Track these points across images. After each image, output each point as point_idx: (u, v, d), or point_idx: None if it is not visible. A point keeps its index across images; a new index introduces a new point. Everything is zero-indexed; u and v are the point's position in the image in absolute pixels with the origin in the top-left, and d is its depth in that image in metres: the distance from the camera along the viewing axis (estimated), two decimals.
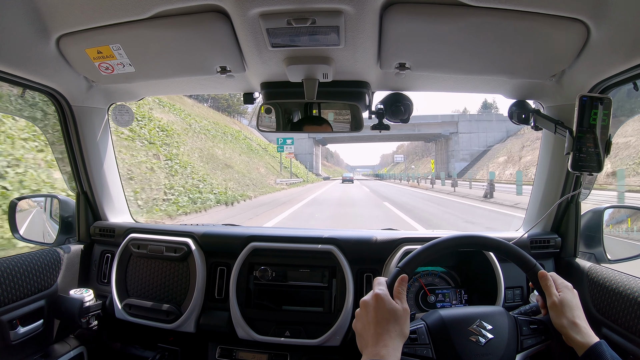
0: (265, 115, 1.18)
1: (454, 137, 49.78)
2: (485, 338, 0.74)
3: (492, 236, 0.82)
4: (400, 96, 1.19)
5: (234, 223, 1.66)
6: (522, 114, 1.20)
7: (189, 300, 1.22)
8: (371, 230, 1.33)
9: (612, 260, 1.17)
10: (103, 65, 1.04)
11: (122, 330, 1.34)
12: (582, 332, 0.71)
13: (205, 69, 1.07)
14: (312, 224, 8.35)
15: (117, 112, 1.48)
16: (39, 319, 1.16)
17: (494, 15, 0.81)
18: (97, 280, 1.39)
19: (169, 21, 0.88)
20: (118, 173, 1.52)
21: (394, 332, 0.68)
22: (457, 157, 49.13)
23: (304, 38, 0.89)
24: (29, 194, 4.08)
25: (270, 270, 1.20)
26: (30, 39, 0.92)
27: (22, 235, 1.40)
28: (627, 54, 0.84)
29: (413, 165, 78.60)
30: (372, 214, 10.29)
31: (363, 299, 0.72)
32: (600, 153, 0.93)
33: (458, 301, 1.21)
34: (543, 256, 1.23)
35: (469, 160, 48.80)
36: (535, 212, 1.32)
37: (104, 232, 1.42)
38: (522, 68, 1.01)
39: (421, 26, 0.86)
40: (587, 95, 0.93)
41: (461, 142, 49.22)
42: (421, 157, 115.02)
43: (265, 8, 0.80)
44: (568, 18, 0.80)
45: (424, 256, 0.78)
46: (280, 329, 1.16)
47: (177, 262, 1.27)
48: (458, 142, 49.26)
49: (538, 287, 0.79)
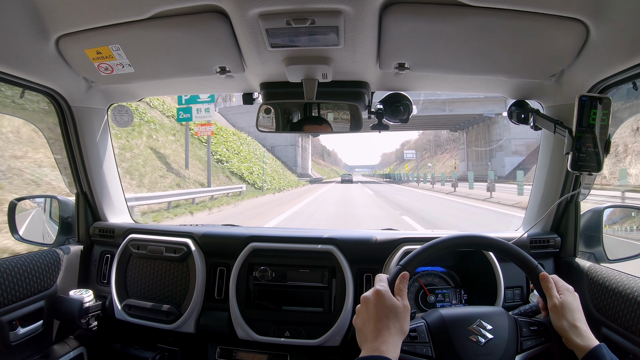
0: (264, 116, 1.18)
1: (501, 121, 33.59)
2: (485, 338, 0.74)
3: (493, 236, 0.82)
4: (399, 96, 1.19)
5: (234, 223, 1.66)
6: (521, 113, 1.20)
7: (189, 301, 1.22)
8: (371, 231, 1.32)
9: (612, 260, 1.17)
10: (102, 65, 1.04)
11: (122, 330, 1.34)
12: (582, 335, 0.71)
13: (205, 70, 1.07)
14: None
15: (117, 113, 1.49)
16: (38, 319, 1.16)
17: (494, 15, 0.81)
18: (96, 281, 1.39)
19: (168, 21, 0.88)
20: (118, 173, 1.51)
21: (394, 328, 0.68)
22: (507, 150, 34.12)
23: (304, 38, 0.89)
24: (28, 195, 4.08)
25: (270, 271, 1.20)
26: (29, 39, 0.92)
27: (21, 236, 1.40)
28: (627, 53, 0.84)
29: (430, 163, 69.82)
30: None
31: (364, 295, 0.73)
32: (600, 153, 0.94)
33: (458, 301, 1.21)
34: (543, 256, 1.23)
35: (524, 154, 33.19)
36: (534, 211, 1.32)
37: (103, 232, 1.42)
38: (521, 68, 1.01)
39: (420, 26, 0.86)
40: (587, 95, 0.93)
41: (513, 128, 31.20)
42: (434, 153, 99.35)
43: (265, 8, 0.80)
44: (567, 18, 0.80)
45: (425, 255, 0.78)
46: (280, 329, 1.15)
47: (176, 263, 1.27)
48: (508, 128, 32.82)
49: (539, 288, 0.79)
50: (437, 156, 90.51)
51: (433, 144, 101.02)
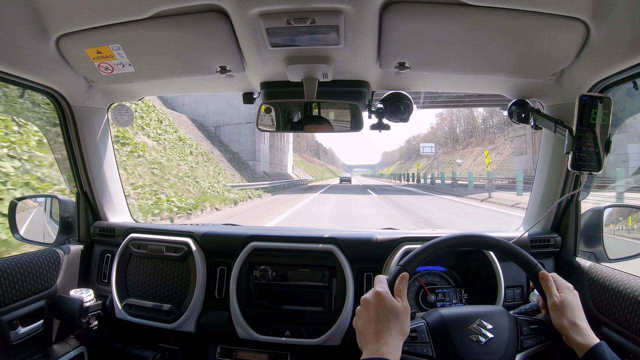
0: (265, 115, 1.18)
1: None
2: (486, 337, 0.74)
3: (493, 236, 0.82)
4: (400, 95, 1.19)
5: (234, 223, 1.65)
6: (522, 113, 1.20)
7: (189, 300, 1.22)
8: (371, 230, 1.33)
9: (612, 259, 1.17)
10: (103, 65, 1.04)
11: (122, 330, 1.34)
12: (582, 333, 0.71)
13: (205, 69, 1.07)
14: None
15: (117, 112, 1.48)
16: (39, 319, 1.16)
17: (494, 14, 0.81)
18: (97, 281, 1.39)
19: (168, 21, 0.88)
20: (118, 173, 1.52)
21: (395, 329, 0.68)
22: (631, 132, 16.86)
23: (304, 38, 0.89)
24: (29, 194, 4.08)
25: (270, 270, 1.20)
26: (29, 39, 0.92)
27: (22, 236, 1.40)
28: (627, 53, 0.84)
29: (459, 160, 53.28)
30: None
31: (364, 297, 0.73)
32: (600, 152, 0.94)
33: (458, 300, 1.21)
34: (543, 255, 1.23)
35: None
36: (535, 211, 1.32)
37: (104, 232, 1.42)
38: (522, 67, 1.01)
39: (421, 25, 0.86)
40: (587, 94, 0.93)
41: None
42: (452, 148, 78.66)
43: (265, 8, 0.80)
44: (568, 17, 0.80)
45: (424, 255, 0.78)
46: (280, 329, 1.16)
47: (177, 262, 1.27)
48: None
49: (539, 287, 0.79)
50: (458, 151, 74.26)
51: (450, 137, 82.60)
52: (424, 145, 54.32)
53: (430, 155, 68.50)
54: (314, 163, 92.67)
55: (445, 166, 63.02)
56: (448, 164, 66.09)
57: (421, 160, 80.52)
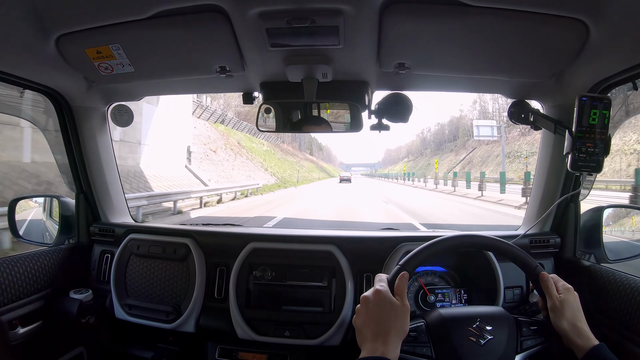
0: (264, 115, 1.18)
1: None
2: (485, 338, 0.74)
3: (493, 237, 0.82)
4: (399, 96, 1.19)
5: (235, 223, 1.66)
6: (521, 113, 1.20)
7: (189, 301, 1.22)
8: (371, 230, 1.33)
9: (612, 260, 1.16)
10: (102, 65, 1.04)
11: (122, 330, 1.34)
12: (582, 335, 0.71)
13: (205, 69, 1.07)
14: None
15: (117, 112, 1.48)
16: (38, 319, 1.16)
17: (494, 15, 0.81)
18: (96, 281, 1.39)
19: (168, 21, 0.88)
20: (117, 173, 1.51)
21: (394, 328, 0.68)
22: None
23: (304, 38, 0.89)
24: (28, 194, 4.07)
25: (269, 270, 1.20)
26: (29, 38, 0.92)
27: (22, 236, 1.40)
28: (627, 53, 0.84)
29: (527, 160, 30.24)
30: None
31: (364, 295, 0.72)
32: (600, 153, 0.94)
33: (458, 301, 1.21)
34: (543, 256, 1.22)
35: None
36: (534, 211, 1.32)
37: (103, 232, 1.42)
38: (521, 68, 1.01)
39: (420, 26, 0.86)
40: (587, 95, 0.93)
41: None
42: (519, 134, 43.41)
43: (265, 8, 0.80)
44: (568, 18, 0.80)
45: (424, 255, 0.78)
46: (280, 329, 1.15)
47: (176, 262, 1.27)
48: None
49: (539, 288, 0.79)
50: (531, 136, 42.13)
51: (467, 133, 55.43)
52: (480, 123, 28.52)
53: (484, 140, 42.64)
54: (298, 157, 65.49)
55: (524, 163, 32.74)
56: (492, 161, 41.82)
57: (442, 157, 60.43)
